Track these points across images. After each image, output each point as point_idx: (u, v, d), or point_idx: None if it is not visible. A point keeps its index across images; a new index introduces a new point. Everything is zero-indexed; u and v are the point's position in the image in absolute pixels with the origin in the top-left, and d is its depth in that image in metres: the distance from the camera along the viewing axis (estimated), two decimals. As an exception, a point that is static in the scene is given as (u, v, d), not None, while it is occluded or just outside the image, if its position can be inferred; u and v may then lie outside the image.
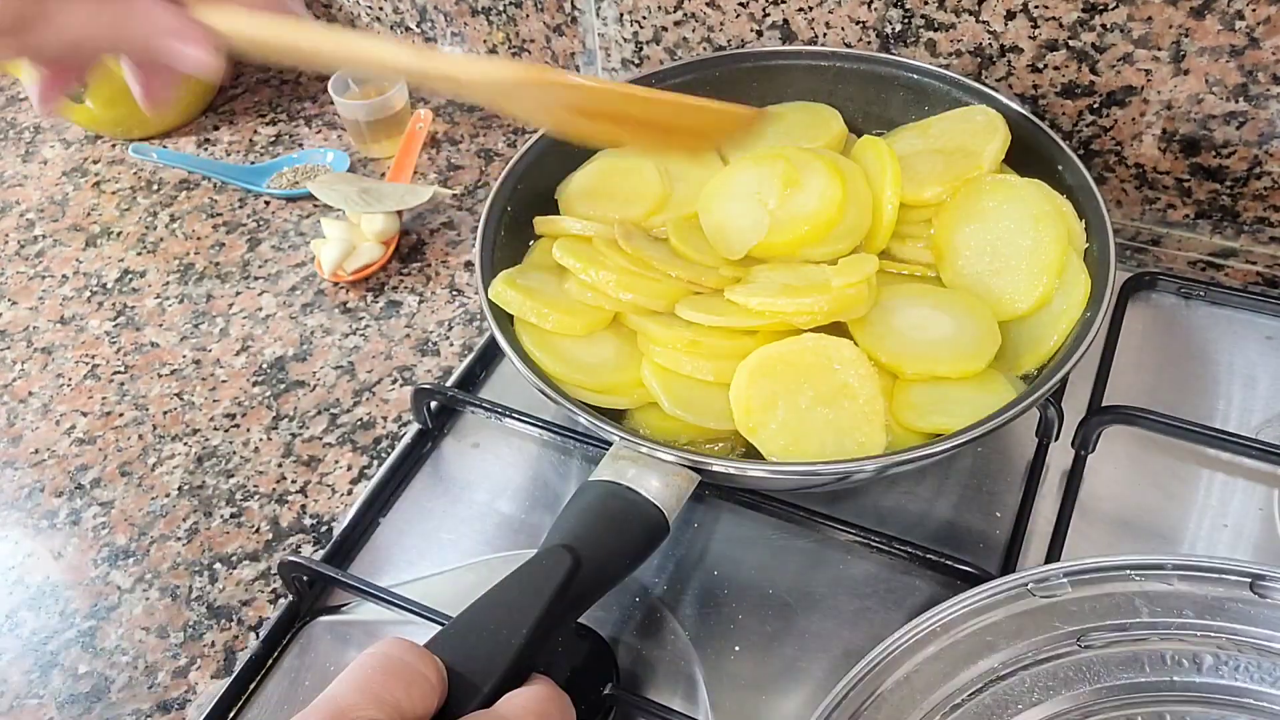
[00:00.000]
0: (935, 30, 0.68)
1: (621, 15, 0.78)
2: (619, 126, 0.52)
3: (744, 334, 0.54)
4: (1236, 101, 0.63)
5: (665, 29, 0.77)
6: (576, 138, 0.53)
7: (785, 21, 0.72)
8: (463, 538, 0.57)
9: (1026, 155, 0.61)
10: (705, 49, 0.77)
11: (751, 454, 0.52)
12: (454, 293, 0.73)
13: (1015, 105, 0.62)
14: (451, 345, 0.69)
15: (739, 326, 0.54)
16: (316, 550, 0.58)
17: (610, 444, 0.49)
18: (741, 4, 0.73)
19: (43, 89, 0.44)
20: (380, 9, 0.90)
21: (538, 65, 0.49)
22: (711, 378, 0.53)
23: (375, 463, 0.62)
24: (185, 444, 0.65)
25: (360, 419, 0.65)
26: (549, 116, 0.51)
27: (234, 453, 0.64)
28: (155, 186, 0.86)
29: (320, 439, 0.64)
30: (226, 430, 0.65)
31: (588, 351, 0.56)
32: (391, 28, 0.91)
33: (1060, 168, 0.59)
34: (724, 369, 0.53)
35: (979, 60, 0.68)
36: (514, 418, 0.61)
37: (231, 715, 0.50)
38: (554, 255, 0.59)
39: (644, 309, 0.56)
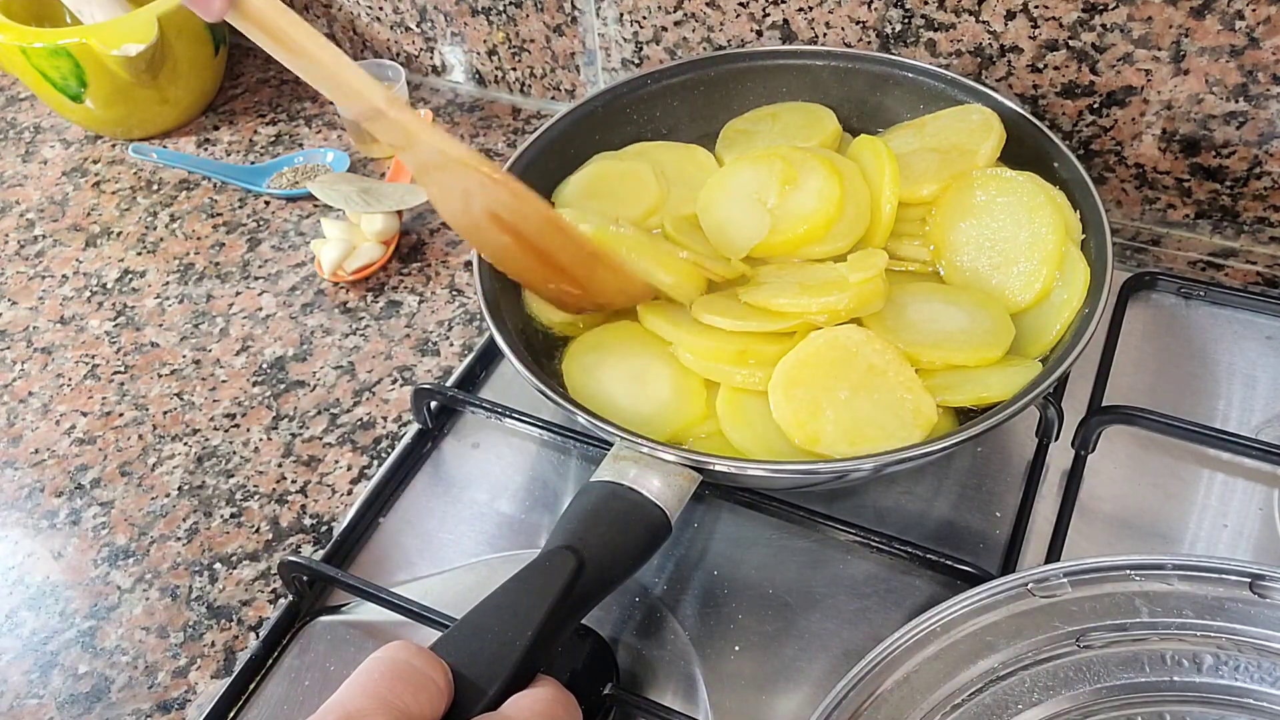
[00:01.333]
0: (935, 30, 0.68)
1: (621, 15, 0.78)
2: (524, 253, 0.54)
3: (778, 337, 0.54)
4: (1236, 101, 0.63)
5: (665, 29, 0.77)
6: (485, 251, 0.55)
7: (785, 21, 0.72)
8: (463, 538, 0.57)
9: (1023, 153, 0.61)
10: (705, 49, 0.77)
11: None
12: (454, 293, 0.73)
13: (1009, 102, 0.62)
14: (451, 345, 0.69)
15: (764, 330, 0.54)
16: (316, 550, 0.58)
17: (611, 444, 0.49)
18: (741, 4, 0.73)
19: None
20: (380, 9, 0.90)
21: (482, 156, 0.52)
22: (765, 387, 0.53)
23: (375, 463, 0.62)
24: (185, 444, 0.65)
25: (360, 419, 0.65)
26: (465, 214, 0.53)
27: (234, 453, 0.64)
28: (155, 186, 0.86)
29: (320, 439, 0.64)
30: (226, 430, 0.65)
31: (643, 394, 0.55)
32: (391, 28, 0.91)
33: (1056, 164, 0.59)
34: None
35: (979, 60, 0.68)
36: (514, 418, 0.61)
37: (231, 715, 0.50)
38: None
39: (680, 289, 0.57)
